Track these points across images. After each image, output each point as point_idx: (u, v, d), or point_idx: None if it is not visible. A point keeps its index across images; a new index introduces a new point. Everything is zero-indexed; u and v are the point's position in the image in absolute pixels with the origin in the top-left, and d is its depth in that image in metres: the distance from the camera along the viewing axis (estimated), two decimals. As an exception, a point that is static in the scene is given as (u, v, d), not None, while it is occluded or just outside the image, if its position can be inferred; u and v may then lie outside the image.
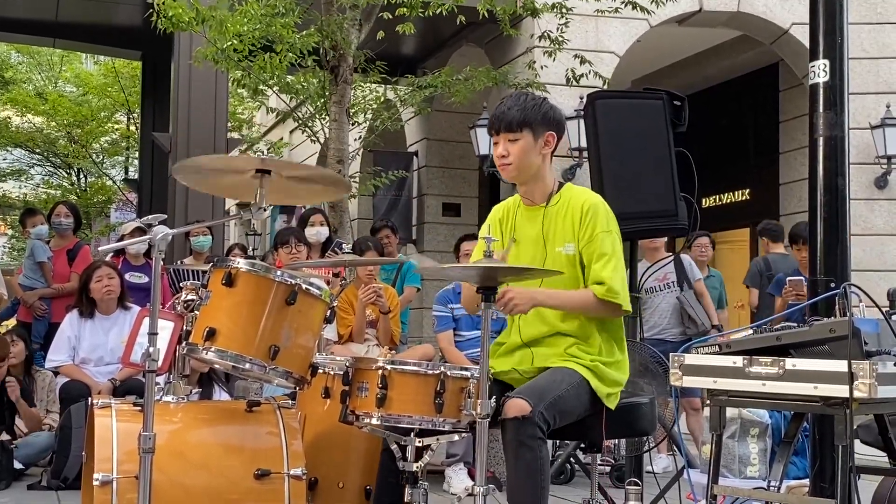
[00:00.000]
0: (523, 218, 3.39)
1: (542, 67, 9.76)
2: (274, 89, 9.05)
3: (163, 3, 7.74)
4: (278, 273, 3.18)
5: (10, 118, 21.63)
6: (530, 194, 3.37)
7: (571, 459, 5.88)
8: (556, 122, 3.31)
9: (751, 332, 3.07)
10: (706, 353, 3.06)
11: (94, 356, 5.87)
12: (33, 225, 7.58)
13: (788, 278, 6.30)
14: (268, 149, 18.35)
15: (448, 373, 2.98)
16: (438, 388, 2.95)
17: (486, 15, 8.39)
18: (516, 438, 2.92)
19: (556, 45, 9.02)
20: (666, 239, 6.56)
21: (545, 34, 9.15)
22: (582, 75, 9.18)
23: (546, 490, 2.94)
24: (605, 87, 9.40)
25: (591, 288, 3.20)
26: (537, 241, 3.32)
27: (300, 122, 10.02)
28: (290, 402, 3.50)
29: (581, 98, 9.28)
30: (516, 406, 2.93)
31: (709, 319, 6.59)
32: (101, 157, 23.14)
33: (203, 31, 8.00)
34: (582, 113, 7.49)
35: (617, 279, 3.20)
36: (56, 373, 5.99)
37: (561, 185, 3.37)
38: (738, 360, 2.93)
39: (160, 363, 2.90)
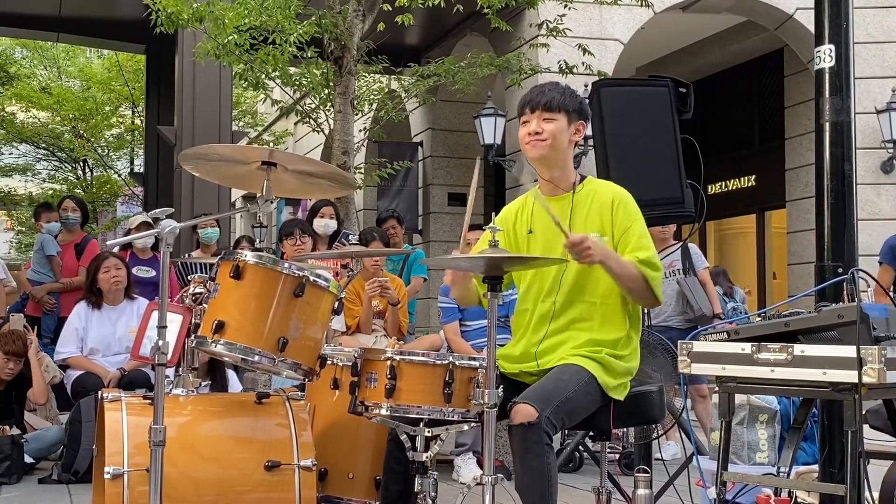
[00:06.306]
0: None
1: (527, 61, 9.73)
2: (276, 81, 9.05)
3: (161, 2, 7.74)
4: (286, 265, 3.19)
5: (15, 113, 21.63)
6: (555, 181, 3.35)
7: (580, 448, 5.89)
8: (587, 114, 3.36)
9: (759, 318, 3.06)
10: (714, 340, 3.06)
11: (103, 346, 5.92)
12: (48, 220, 7.60)
13: None
14: (273, 140, 18.33)
15: (457, 363, 2.98)
16: (447, 378, 2.96)
17: (485, 5, 8.36)
18: (523, 445, 2.90)
19: (555, 34, 8.98)
20: (675, 227, 6.54)
21: (544, 23, 9.13)
22: (574, 66, 9.14)
23: (553, 495, 2.92)
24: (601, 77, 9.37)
25: (642, 269, 3.16)
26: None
27: (304, 114, 10.00)
28: (299, 393, 3.51)
29: (586, 86, 9.25)
30: (523, 412, 2.90)
31: (710, 307, 6.56)
32: (107, 151, 23.14)
33: (204, 27, 8.00)
34: (587, 101, 7.46)
35: (658, 273, 3.20)
36: (65, 367, 6.01)
37: (583, 178, 3.38)
38: (747, 347, 2.93)
39: (169, 356, 2.92)
